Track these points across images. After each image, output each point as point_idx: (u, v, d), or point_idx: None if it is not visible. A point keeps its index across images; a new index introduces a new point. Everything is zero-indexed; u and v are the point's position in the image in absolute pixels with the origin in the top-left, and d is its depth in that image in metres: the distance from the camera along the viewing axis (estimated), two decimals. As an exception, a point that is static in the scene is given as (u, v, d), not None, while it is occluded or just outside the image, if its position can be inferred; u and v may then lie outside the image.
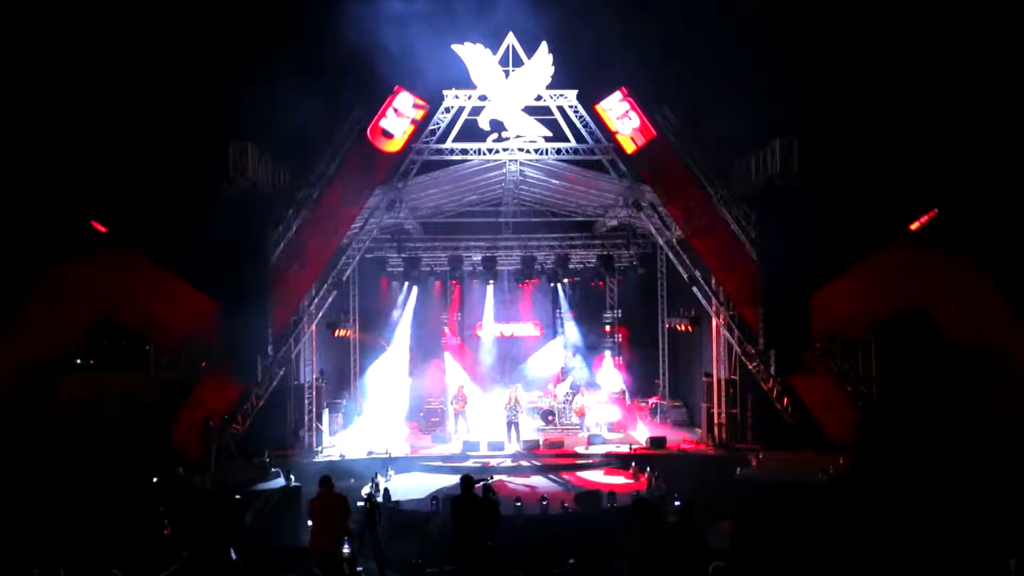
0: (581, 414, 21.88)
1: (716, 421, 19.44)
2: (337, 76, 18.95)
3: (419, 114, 17.93)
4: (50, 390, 17.22)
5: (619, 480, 17.01)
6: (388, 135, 17.87)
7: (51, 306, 17.07)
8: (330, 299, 19.43)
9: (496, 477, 15.33)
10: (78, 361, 18.55)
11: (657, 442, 19.09)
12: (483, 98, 18.28)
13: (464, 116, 18.36)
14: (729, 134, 18.56)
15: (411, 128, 17.97)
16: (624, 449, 19.17)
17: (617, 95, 18.05)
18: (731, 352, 19.26)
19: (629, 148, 18.18)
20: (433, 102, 18.19)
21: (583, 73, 18.73)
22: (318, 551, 10.26)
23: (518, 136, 18.40)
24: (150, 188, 18.58)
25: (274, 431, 18.38)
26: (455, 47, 17.99)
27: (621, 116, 18.03)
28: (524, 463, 18.42)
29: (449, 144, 18.46)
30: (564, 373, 24.70)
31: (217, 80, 18.80)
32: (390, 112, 17.78)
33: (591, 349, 25.69)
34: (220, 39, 19.57)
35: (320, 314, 19.46)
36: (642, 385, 24.94)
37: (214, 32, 19.71)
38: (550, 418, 22.37)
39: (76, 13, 19.43)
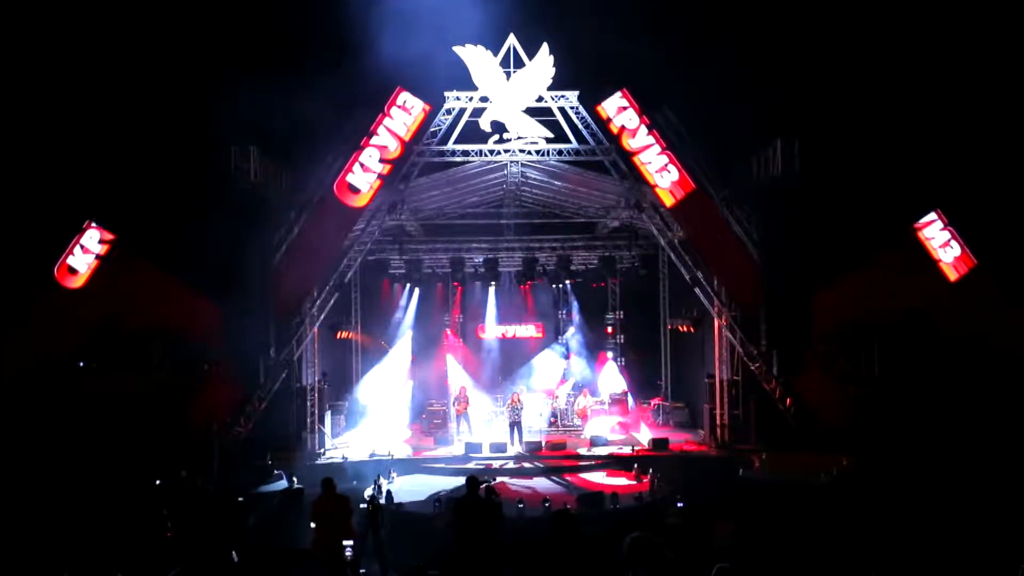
0: (583, 415, 21.87)
1: (718, 422, 19.42)
2: (339, 77, 18.96)
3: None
4: (54, 393, 17.27)
5: (621, 481, 17.00)
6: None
7: (55, 310, 17.17)
8: (332, 301, 19.44)
9: (498, 479, 15.36)
10: (81, 364, 18.59)
11: (659, 443, 19.07)
12: (484, 100, 18.28)
13: (465, 118, 18.37)
14: (731, 134, 18.56)
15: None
16: (626, 450, 19.15)
17: (624, 104, 17.91)
18: (733, 353, 19.24)
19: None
20: (434, 104, 18.21)
21: (585, 74, 18.75)
22: (321, 553, 10.27)
23: (519, 137, 18.40)
24: (152, 190, 18.61)
25: (276, 433, 18.36)
26: (456, 49, 18.00)
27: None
28: (526, 465, 18.41)
29: (450, 146, 18.46)
30: (566, 374, 24.68)
31: (219, 82, 18.83)
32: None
33: (593, 350, 25.67)
34: (222, 41, 19.61)
35: (322, 316, 19.45)
36: (644, 386, 24.91)
37: (216, 34, 19.75)
38: (552, 420, 22.36)
39: (80, 14, 19.47)
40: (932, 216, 18.21)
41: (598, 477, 17.63)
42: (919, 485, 14.08)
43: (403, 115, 17.63)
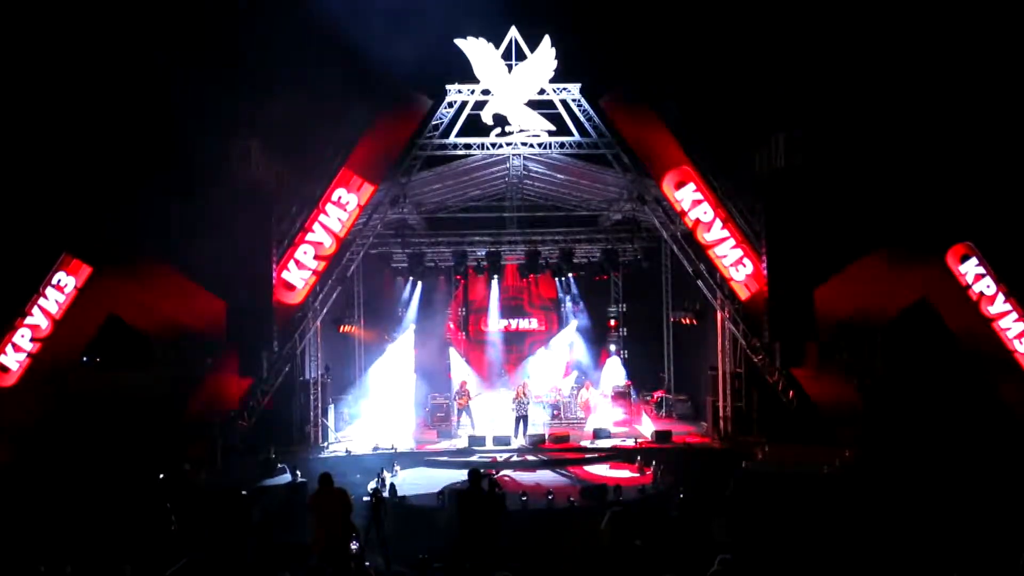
0: (586, 408, 21.87)
1: (721, 414, 19.42)
2: (340, 71, 18.92)
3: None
4: (57, 388, 17.31)
5: (625, 474, 17.02)
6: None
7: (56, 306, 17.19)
8: (335, 295, 19.46)
9: (501, 472, 15.37)
10: (84, 359, 18.63)
11: (662, 436, 19.08)
12: (486, 92, 18.25)
13: (467, 111, 18.36)
14: (734, 126, 18.50)
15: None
16: (629, 443, 19.15)
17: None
18: (736, 345, 19.23)
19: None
20: (436, 97, 18.19)
21: (587, 67, 18.69)
22: (321, 548, 10.22)
23: (521, 130, 18.38)
24: (154, 184, 18.59)
25: (280, 427, 18.40)
26: (458, 41, 17.98)
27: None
28: (530, 457, 18.42)
29: (452, 139, 18.46)
30: (569, 368, 24.69)
31: (220, 75, 18.79)
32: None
33: (596, 343, 25.67)
34: (222, 34, 19.56)
35: (325, 310, 19.48)
36: (647, 379, 24.90)
37: (215, 27, 19.70)
38: (556, 412, 22.37)
39: (82, 10, 19.43)
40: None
41: (601, 470, 17.62)
42: (921, 477, 14.08)
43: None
